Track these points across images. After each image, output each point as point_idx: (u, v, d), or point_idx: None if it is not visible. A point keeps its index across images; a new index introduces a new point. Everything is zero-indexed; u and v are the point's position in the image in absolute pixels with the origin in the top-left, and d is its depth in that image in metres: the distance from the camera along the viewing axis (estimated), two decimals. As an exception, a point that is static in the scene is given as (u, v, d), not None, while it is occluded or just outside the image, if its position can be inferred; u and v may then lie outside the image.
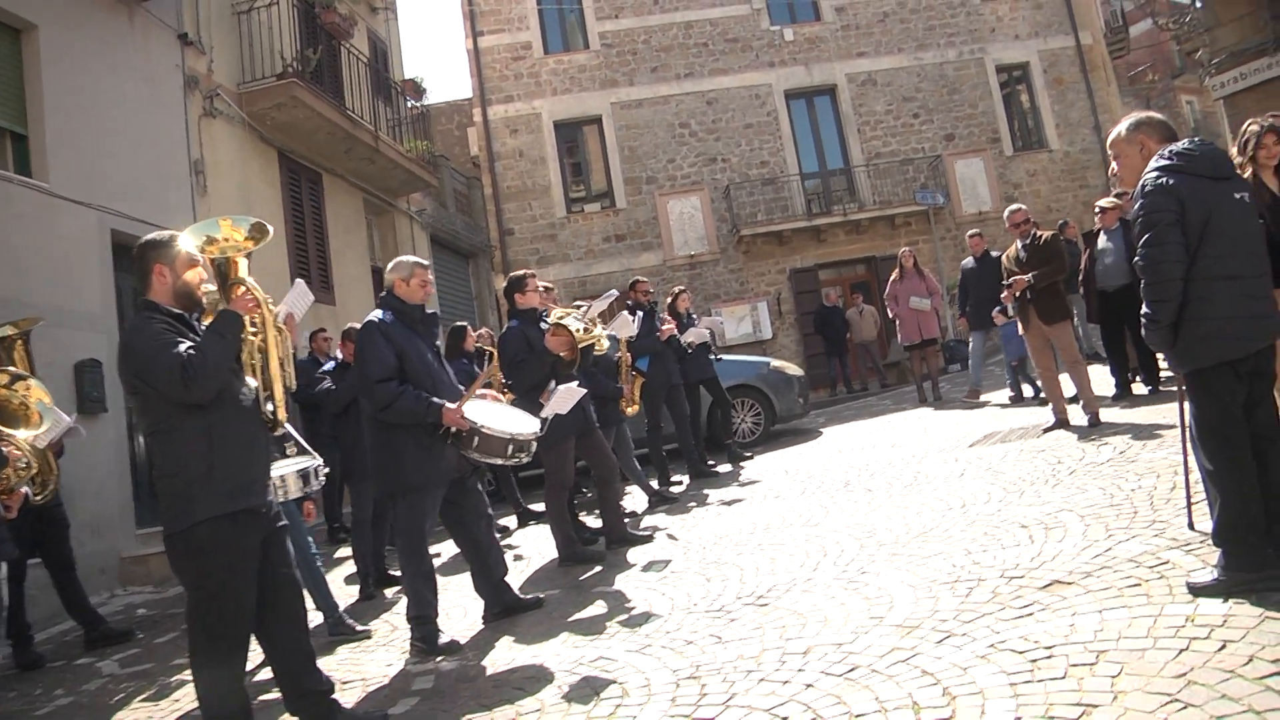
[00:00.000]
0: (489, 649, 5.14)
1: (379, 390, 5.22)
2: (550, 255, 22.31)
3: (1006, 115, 23.51)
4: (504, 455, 5.37)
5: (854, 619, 4.26)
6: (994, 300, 10.86)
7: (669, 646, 4.47)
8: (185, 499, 3.66)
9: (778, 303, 22.17)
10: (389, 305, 5.53)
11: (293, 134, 13.55)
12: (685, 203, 22.58)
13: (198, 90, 11.83)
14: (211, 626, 3.73)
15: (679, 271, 22.09)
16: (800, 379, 12.93)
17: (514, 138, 22.68)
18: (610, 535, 7.29)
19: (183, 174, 11.32)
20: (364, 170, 15.71)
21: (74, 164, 9.51)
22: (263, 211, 12.56)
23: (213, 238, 3.77)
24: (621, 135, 22.63)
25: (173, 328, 3.73)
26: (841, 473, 8.38)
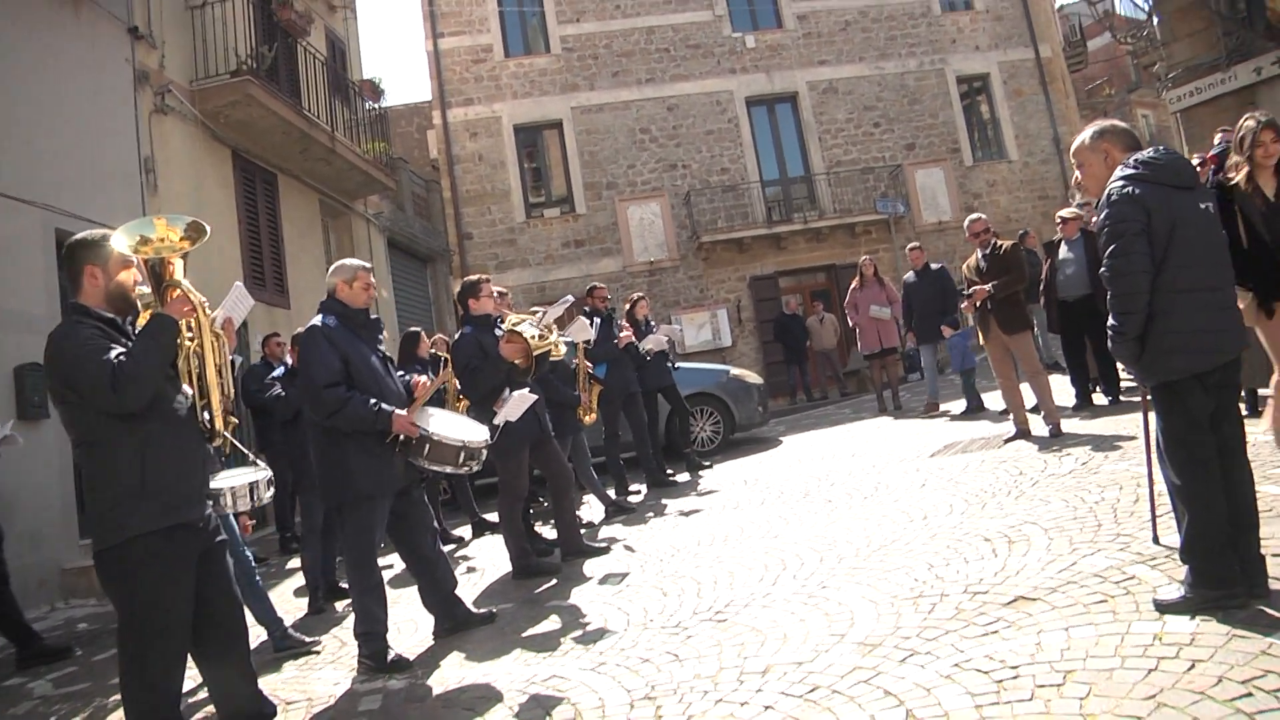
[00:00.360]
0: (439, 666, 4.98)
1: (325, 395, 5.05)
2: (509, 260, 22.13)
3: (967, 125, 23.65)
4: (455, 463, 5.23)
5: (814, 636, 4.14)
6: (938, 312, 10.91)
7: (624, 665, 4.34)
8: (116, 514, 3.46)
9: (738, 310, 22.14)
10: (331, 309, 5.37)
11: (247, 133, 13.29)
12: (645, 209, 22.48)
13: (148, 86, 11.55)
14: (143, 648, 3.50)
15: (639, 278, 21.99)
16: (760, 387, 12.86)
17: (474, 141, 22.48)
18: (566, 547, 7.15)
19: (132, 172, 11.03)
20: (320, 171, 15.47)
21: (14, 159, 9.18)
22: (215, 211, 12.38)
23: (147, 238, 3.57)
24: (582, 140, 22.50)
25: (103, 333, 3.53)
26: (801, 483, 8.28)
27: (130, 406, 3.42)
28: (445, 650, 5.24)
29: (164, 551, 3.48)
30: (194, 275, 10.54)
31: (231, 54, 12.68)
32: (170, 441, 3.56)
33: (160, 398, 3.55)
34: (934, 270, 11.26)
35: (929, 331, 11.10)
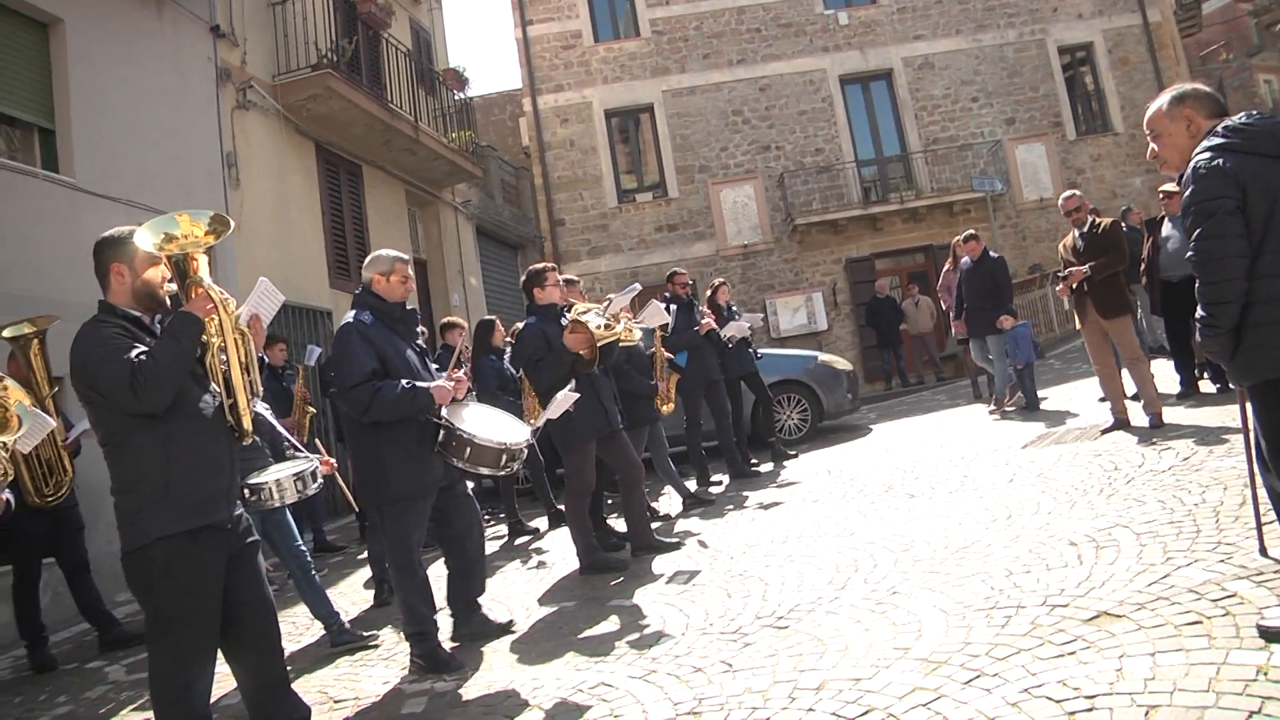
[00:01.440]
0: (490, 667, 4.80)
1: (354, 395, 4.88)
2: (601, 246, 22.03)
3: (1069, 98, 22.65)
4: (495, 466, 5.03)
5: (877, 649, 3.83)
6: (992, 306, 10.32)
7: (675, 674, 4.08)
8: (140, 516, 3.35)
9: (833, 293, 21.67)
10: (367, 304, 5.18)
11: (329, 126, 13.35)
12: (738, 191, 22.14)
13: (230, 83, 11.65)
14: (170, 653, 3.39)
15: (732, 262, 21.69)
16: (849, 374, 12.43)
17: (564, 127, 22.39)
18: (635, 542, 6.92)
19: (215, 167, 11.13)
20: (405, 162, 15.51)
21: (100, 159, 9.34)
22: (299, 204, 12.47)
23: (171, 235, 3.42)
24: (673, 123, 22.24)
25: (126, 332, 3.42)
26: (885, 475, 7.91)
27: (151, 407, 3.30)
28: (498, 649, 5.08)
29: (189, 554, 3.37)
30: (277, 268, 10.70)
31: (312, 48, 12.73)
32: (195, 442, 3.44)
33: (185, 397, 3.43)
34: (992, 259, 10.64)
35: (980, 325, 10.54)
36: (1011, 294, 10.51)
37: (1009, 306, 10.24)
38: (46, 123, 9.12)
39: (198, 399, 3.50)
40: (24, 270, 8.19)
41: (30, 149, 9.07)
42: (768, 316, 20.72)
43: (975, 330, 10.59)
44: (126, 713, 5.17)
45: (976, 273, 10.49)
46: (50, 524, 6.76)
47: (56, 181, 8.89)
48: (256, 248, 11.46)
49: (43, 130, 9.13)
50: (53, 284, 8.20)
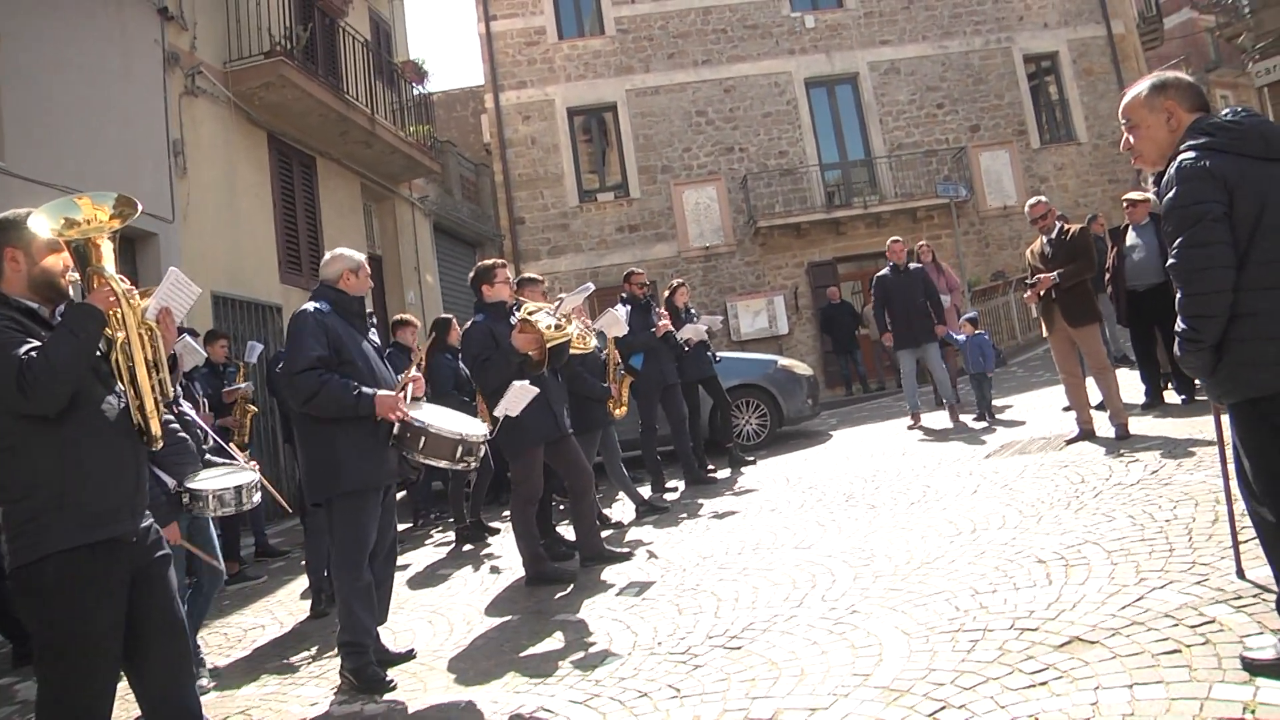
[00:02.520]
0: (424, 688, 4.51)
1: (299, 381, 4.66)
2: (562, 245, 21.77)
3: (1034, 106, 22.66)
4: (451, 458, 4.76)
5: (835, 674, 3.58)
6: (919, 312, 10.22)
7: (618, 699, 3.82)
8: (32, 528, 3.00)
9: (795, 297, 21.49)
10: (326, 296, 5.00)
11: (283, 115, 12.97)
12: (701, 193, 21.94)
13: (178, 68, 11.26)
14: (61, 679, 3.02)
15: (694, 264, 21.49)
16: (809, 379, 12.23)
17: (526, 124, 22.10)
18: (585, 551, 6.65)
19: (160, 155, 10.74)
20: (361, 155, 15.15)
21: (36, 142, 8.94)
22: (250, 195, 12.11)
23: (72, 219, 3.08)
24: (637, 123, 22.00)
25: (17, 325, 3.06)
26: (846, 484, 7.69)
27: (42, 409, 2.95)
28: (435, 665, 4.81)
29: (85, 570, 3.01)
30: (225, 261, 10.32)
31: (266, 34, 12.37)
32: (96, 448, 3.08)
33: (85, 398, 3.08)
34: (913, 269, 10.59)
35: (909, 335, 10.41)
36: (940, 305, 10.57)
37: (939, 318, 10.23)
38: (-27, 102, 8.70)
39: (100, 400, 3.15)
40: None
41: (-44, 130, 8.65)
42: (728, 319, 20.58)
43: (903, 341, 10.48)
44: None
45: (902, 279, 10.40)
46: None
47: (-14, 166, 8.48)
48: (203, 239, 11.09)
49: (-30, 111, 8.71)
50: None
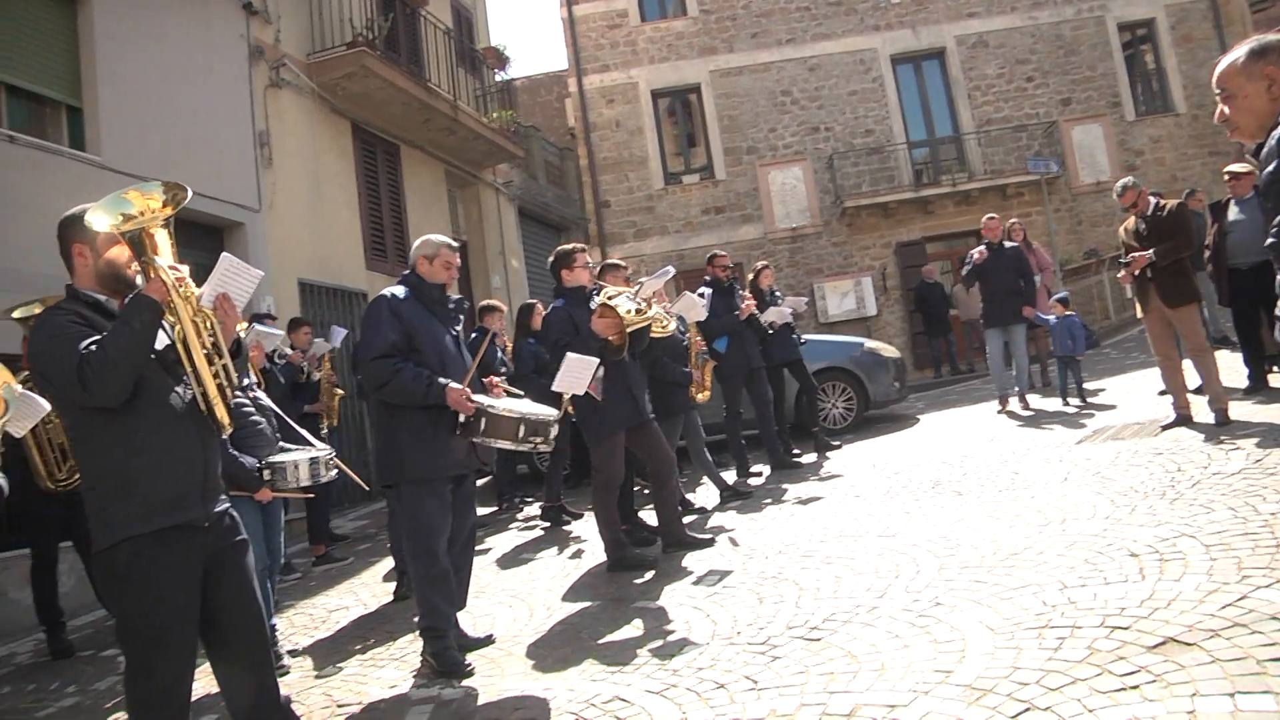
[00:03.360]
0: (501, 674, 4.51)
1: (373, 367, 4.70)
2: (647, 228, 21.72)
3: (1129, 77, 21.81)
4: (515, 438, 4.72)
5: (916, 670, 3.48)
6: (1013, 292, 9.90)
7: (695, 690, 3.76)
8: (104, 516, 3.09)
9: (882, 278, 21.17)
10: (407, 282, 5.03)
11: (366, 104, 13.14)
12: (787, 173, 21.68)
13: (263, 61, 11.46)
14: (143, 657, 3.11)
15: (780, 245, 21.27)
16: (896, 361, 12.01)
17: (610, 108, 22.06)
18: (666, 538, 6.61)
19: (246, 146, 10.95)
20: (444, 141, 15.27)
21: (128, 137, 9.19)
22: (334, 184, 12.27)
23: (128, 214, 3.11)
24: (721, 104, 21.81)
25: (82, 319, 3.12)
26: (932, 470, 7.52)
27: (103, 400, 3.00)
28: (514, 653, 4.80)
29: (155, 556, 3.06)
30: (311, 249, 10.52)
31: (348, 25, 12.54)
32: (161, 436, 3.13)
33: (149, 388, 3.13)
34: (1009, 247, 10.26)
35: (1000, 313, 10.12)
36: (1033, 285, 10.21)
37: (1031, 298, 9.91)
38: (74, 100, 9.00)
39: (166, 389, 3.20)
40: (48, 249, 7.97)
41: (58, 127, 8.93)
42: (815, 301, 20.33)
43: (993, 319, 10.19)
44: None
45: (997, 258, 10.11)
46: (64, 508, 6.62)
47: (83, 160, 8.77)
48: (289, 228, 11.28)
49: (70, 108, 8.99)
50: (71, 262, 8.02)
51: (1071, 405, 9.64)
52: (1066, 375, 9.90)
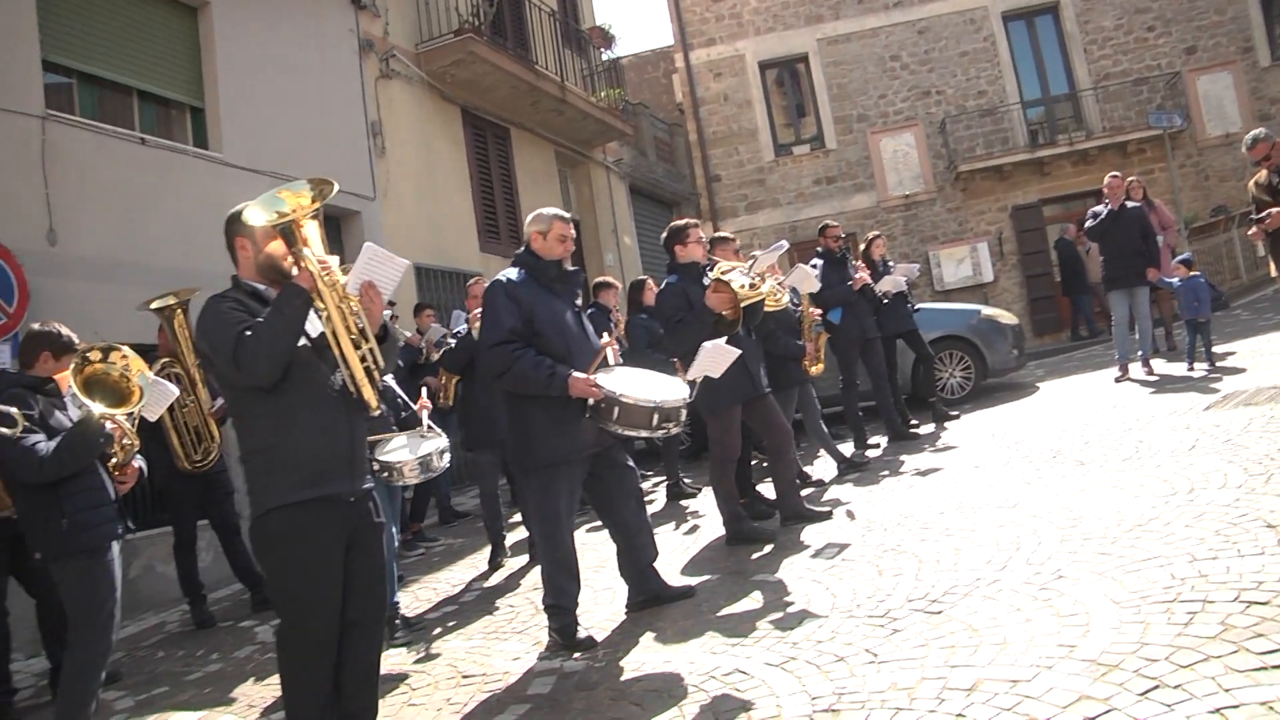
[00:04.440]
0: (623, 647, 4.60)
1: (491, 355, 4.76)
2: (759, 201, 21.61)
3: (1264, 18, 20.42)
4: (649, 427, 4.71)
5: (1038, 644, 3.44)
6: (1136, 253, 9.55)
7: (815, 662, 3.79)
8: (259, 485, 3.38)
9: (999, 243, 20.62)
10: (523, 262, 5.03)
11: (474, 90, 13.36)
12: (898, 140, 21.29)
13: (373, 53, 11.78)
14: (294, 620, 3.40)
15: (894, 213, 20.94)
16: (1015, 328, 11.76)
17: (718, 81, 21.95)
18: (784, 511, 6.63)
19: (359, 137, 11.27)
20: (553, 122, 15.42)
21: (247, 134, 9.57)
22: (446, 169, 12.54)
23: (281, 210, 3.32)
24: (830, 72, 21.48)
25: (242, 306, 3.40)
26: (1053, 439, 7.38)
27: (256, 381, 3.28)
28: (636, 627, 4.87)
29: (303, 524, 3.34)
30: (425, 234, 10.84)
31: (454, 13, 12.76)
32: (310, 415, 3.39)
33: (302, 369, 3.39)
34: (1129, 207, 9.88)
35: (1125, 275, 9.78)
36: (1156, 246, 9.87)
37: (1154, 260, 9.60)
38: (196, 102, 9.41)
39: (318, 371, 3.45)
40: (175, 244, 8.46)
41: (182, 127, 9.36)
42: (930, 269, 20.00)
43: (1117, 281, 9.88)
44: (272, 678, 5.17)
45: (1120, 217, 9.79)
46: (201, 488, 7.05)
47: (206, 158, 9.17)
48: (404, 214, 11.55)
49: (193, 109, 9.41)
50: (202, 256, 8.33)
51: (1199, 370, 9.32)
52: (1195, 339, 9.59)
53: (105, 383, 4.38)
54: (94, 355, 4.36)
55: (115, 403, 4.39)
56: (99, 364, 4.37)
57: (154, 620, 7.48)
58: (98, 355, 4.37)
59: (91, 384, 4.31)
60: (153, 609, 7.77)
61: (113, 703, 5.35)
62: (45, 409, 4.58)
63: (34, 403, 4.53)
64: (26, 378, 4.68)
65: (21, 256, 7.17)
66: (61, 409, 4.68)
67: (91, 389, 4.29)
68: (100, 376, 4.37)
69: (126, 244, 8.12)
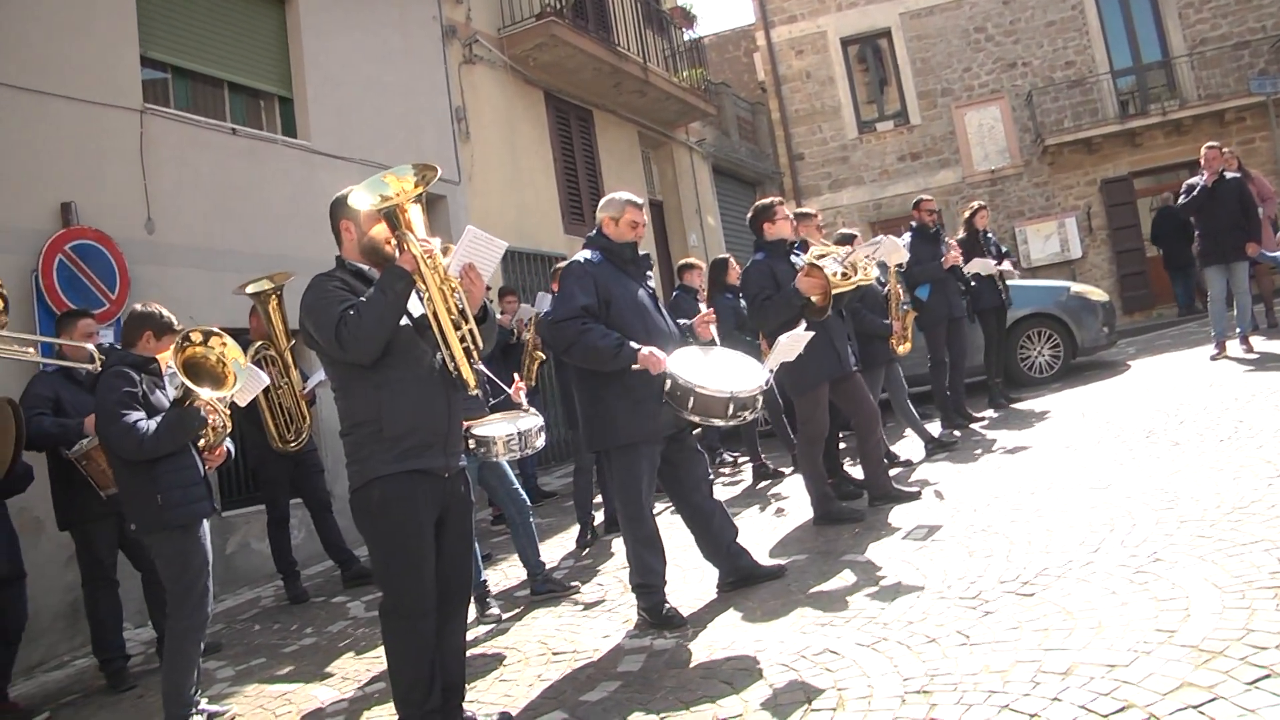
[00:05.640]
0: (713, 625, 4.64)
1: (560, 329, 4.82)
2: (843, 178, 21.47)
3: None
4: (724, 416, 4.74)
5: (1135, 629, 3.40)
6: (1235, 227, 9.25)
7: (906, 643, 3.79)
8: (360, 457, 3.51)
9: (1088, 218, 20.12)
10: (596, 244, 5.10)
11: (557, 73, 13.46)
12: (984, 114, 20.90)
13: (456, 39, 11.91)
14: (392, 583, 3.56)
15: (979, 189, 20.54)
16: (1105, 305, 11.49)
17: (800, 59, 21.78)
18: (872, 491, 6.61)
19: (444, 122, 11.43)
20: (635, 104, 15.48)
21: (334, 122, 9.79)
22: (530, 152, 12.66)
23: (385, 194, 3.42)
24: (913, 47, 21.17)
25: (346, 286, 3.54)
26: (1146, 418, 7.24)
27: (357, 357, 3.41)
28: (725, 606, 4.91)
29: (402, 495, 3.47)
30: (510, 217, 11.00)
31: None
32: (410, 391, 3.51)
33: (403, 348, 3.51)
34: (1229, 179, 9.55)
35: (1218, 251, 9.49)
36: (1258, 218, 9.58)
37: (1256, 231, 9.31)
38: (285, 92, 9.64)
39: (419, 350, 3.57)
40: (266, 230, 8.72)
41: (272, 117, 9.61)
42: (1017, 246, 19.62)
43: (1213, 256, 9.61)
44: (365, 653, 5.35)
45: (1218, 190, 9.51)
46: (293, 467, 7.28)
47: (294, 146, 9.41)
48: (489, 198, 11.69)
49: (281, 99, 9.65)
50: (292, 242, 8.66)
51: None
52: None
53: (203, 366, 4.52)
54: (195, 337, 4.49)
55: (211, 386, 4.52)
56: (199, 347, 4.50)
57: (249, 595, 7.75)
58: (199, 338, 4.50)
59: (189, 366, 4.45)
60: (248, 584, 8.04)
61: (214, 671, 5.56)
62: (148, 387, 4.75)
63: (137, 379, 4.69)
64: (131, 356, 4.84)
65: (122, 245, 7.43)
66: (161, 389, 4.84)
67: (189, 371, 4.43)
68: (199, 360, 4.51)
69: (219, 231, 8.36)
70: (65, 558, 6.43)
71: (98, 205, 7.37)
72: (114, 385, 4.61)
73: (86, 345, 5.29)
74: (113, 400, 4.56)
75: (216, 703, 4.88)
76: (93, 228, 7.26)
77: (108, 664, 5.65)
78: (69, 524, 5.67)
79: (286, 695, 4.96)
